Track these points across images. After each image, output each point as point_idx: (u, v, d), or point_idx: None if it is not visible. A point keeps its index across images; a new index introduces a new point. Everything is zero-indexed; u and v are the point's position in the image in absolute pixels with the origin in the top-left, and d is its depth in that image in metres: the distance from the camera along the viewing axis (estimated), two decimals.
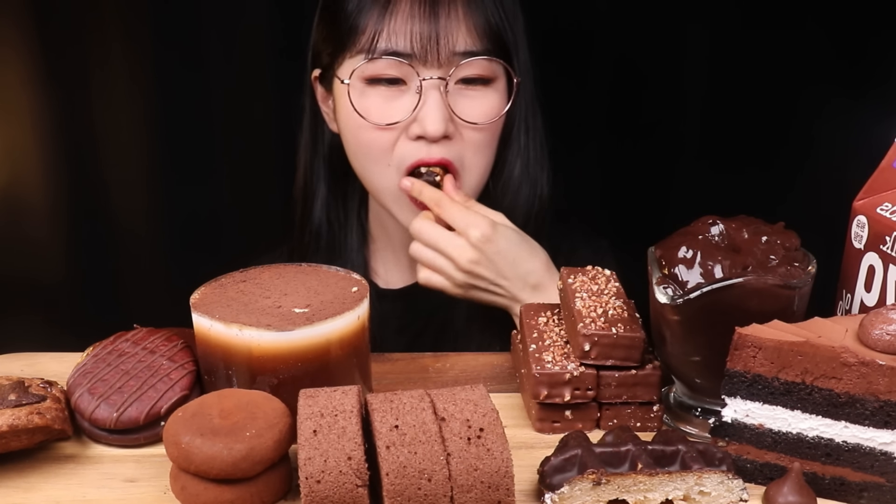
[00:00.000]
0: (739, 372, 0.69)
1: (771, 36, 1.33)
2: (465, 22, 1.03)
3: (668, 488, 0.66)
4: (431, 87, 1.02)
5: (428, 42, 1.01)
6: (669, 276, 0.74)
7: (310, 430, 0.64)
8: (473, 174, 1.08)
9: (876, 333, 0.66)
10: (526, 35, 1.10)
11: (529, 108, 1.12)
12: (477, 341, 1.09)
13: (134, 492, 0.70)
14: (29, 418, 0.70)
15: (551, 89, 1.14)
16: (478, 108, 1.05)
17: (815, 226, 0.85)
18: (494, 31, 1.04)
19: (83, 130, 1.38)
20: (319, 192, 1.17)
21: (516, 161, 1.12)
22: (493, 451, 0.64)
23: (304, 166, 1.17)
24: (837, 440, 0.68)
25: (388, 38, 1.01)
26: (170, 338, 0.82)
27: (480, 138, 1.07)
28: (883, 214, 0.79)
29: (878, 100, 1.23)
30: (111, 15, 1.34)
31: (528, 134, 1.12)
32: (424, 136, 1.03)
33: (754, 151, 1.38)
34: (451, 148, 1.05)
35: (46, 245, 1.42)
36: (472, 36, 1.03)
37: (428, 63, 1.02)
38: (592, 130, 1.42)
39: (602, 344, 0.76)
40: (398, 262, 1.18)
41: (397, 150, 1.05)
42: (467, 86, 1.05)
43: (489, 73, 1.05)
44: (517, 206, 1.11)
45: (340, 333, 0.76)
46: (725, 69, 1.36)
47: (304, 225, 1.18)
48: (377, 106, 1.04)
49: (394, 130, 1.04)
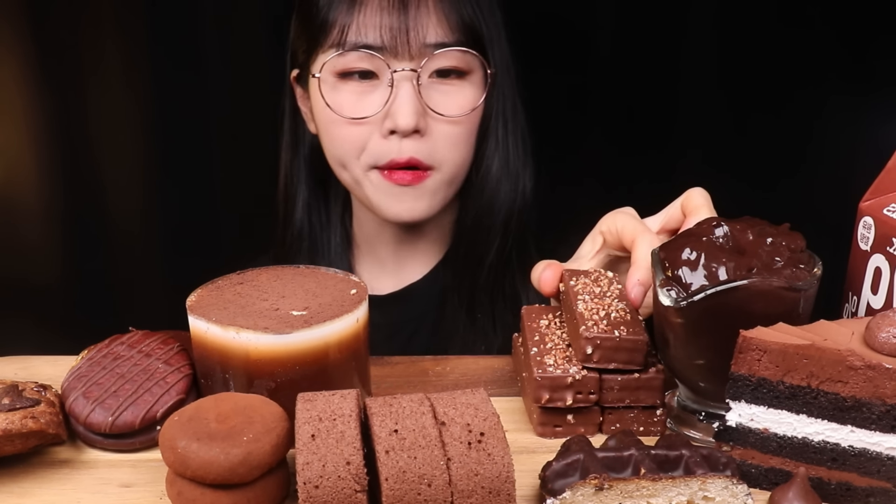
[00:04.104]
0: (744, 375, 0.68)
1: (777, 35, 1.32)
2: (435, 13, 1.02)
3: (671, 493, 0.66)
4: (403, 79, 1.02)
5: (398, 34, 1.01)
6: (673, 278, 0.73)
7: (308, 435, 0.64)
8: (448, 170, 1.08)
9: (883, 336, 0.65)
10: (505, 30, 1.09)
11: (509, 102, 1.11)
12: (460, 345, 1.10)
13: (129, 497, 0.70)
14: (23, 422, 0.70)
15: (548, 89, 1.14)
16: (451, 101, 1.05)
17: (820, 227, 0.85)
18: (467, 24, 1.04)
19: (78, 132, 1.38)
20: (301, 194, 1.17)
21: (494, 156, 1.11)
22: (494, 456, 0.63)
23: (285, 168, 1.18)
24: (843, 445, 0.67)
25: (358, 30, 1.01)
26: (166, 341, 0.81)
27: (455, 133, 1.06)
28: (890, 216, 0.79)
29: (885, 100, 1.23)
30: (106, 16, 1.34)
31: (507, 128, 1.11)
32: (396, 131, 1.02)
33: (759, 152, 1.38)
34: (423, 144, 1.04)
35: (41, 247, 1.42)
36: (443, 27, 1.03)
37: (399, 55, 1.01)
38: (592, 130, 1.42)
39: (605, 347, 0.75)
40: (383, 268, 1.18)
41: (370, 146, 1.05)
42: (442, 79, 1.05)
43: (463, 64, 1.05)
44: (497, 202, 1.11)
45: (339, 336, 0.75)
46: (730, 69, 1.36)
47: (286, 227, 1.18)
48: (349, 100, 1.04)
49: (367, 125, 1.04)
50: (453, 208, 1.16)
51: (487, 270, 1.13)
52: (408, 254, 1.18)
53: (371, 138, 1.05)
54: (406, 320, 1.16)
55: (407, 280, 1.19)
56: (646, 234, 0.83)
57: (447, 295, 1.15)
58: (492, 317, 1.13)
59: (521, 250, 1.14)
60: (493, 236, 1.12)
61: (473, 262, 1.13)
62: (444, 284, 1.17)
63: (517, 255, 1.14)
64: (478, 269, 1.13)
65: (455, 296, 1.14)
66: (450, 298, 1.15)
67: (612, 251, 0.90)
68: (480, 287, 1.13)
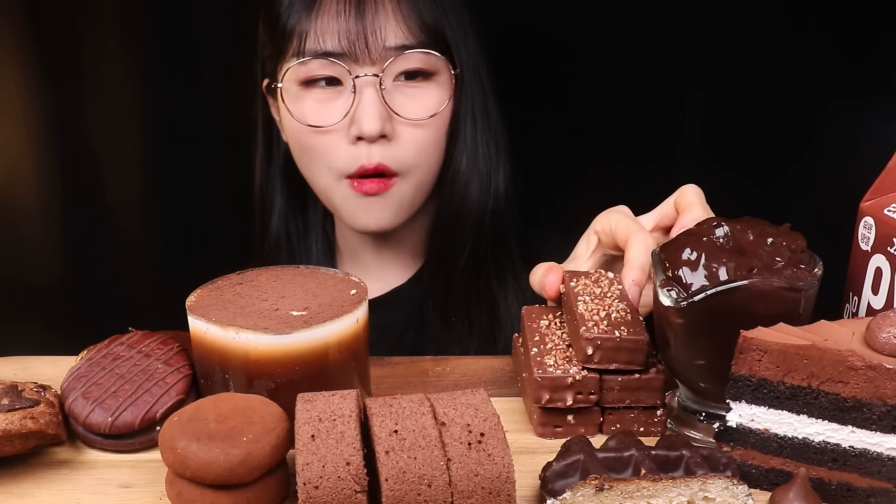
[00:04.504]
0: (744, 376, 0.68)
1: (777, 34, 1.32)
2: (394, 16, 1.01)
3: (671, 494, 0.65)
4: (366, 84, 1.01)
5: (357, 38, 1.00)
6: (673, 278, 0.73)
7: (308, 435, 0.64)
8: (418, 175, 1.06)
9: (883, 337, 0.65)
10: (473, 27, 1.08)
11: (479, 102, 1.09)
12: (434, 350, 1.09)
13: (129, 497, 0.69)
14: (22, 423, 0.69)
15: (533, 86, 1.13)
16: (416, 104, 1.04)
17: (821, 227, 0.85)
18: (429, 25, 1.03)
19: (77, 131, 1.38)
20: (276, 204, 1.16)
21: (462, 157, 1.09)
22: (494, 457, 0.63)
23: (260, 178, 1.17)
24: (844, 445, 0.67)
25: (317, 38, 1.01)
26: (165, 341, 0.81)
27: (423, 136, 1.05)
28: (890, 216, 0.79)
29: (886, 99, 1.23)
30: (105, 14, 1.33)
31: (477, 128, 1.09)
32: (363, 137, 1.01)
33: (760, 151, 1.37)
34: (391, 149, 1.03)
35: (40, 247, 1.42)
36: (402, 29, 1.01)
37: (360, 60, 1.00)
38: (591, 130, 1.41)
39: (605, 347, 0.75)
40: (367, 272, 1.17)
41: (338, 153, 1.03)
42: (407, 82, 1.03)
43: (427, 66, 1.03)
44: (467, 202, 1.09)
45: (339, 336, 0.75)
46: (729, 68, 1.35)
47: (263, 237, 1.17)
48: (312, 109, 1.03)
49: (333, 133, 1.03)
50: (430, 211, 1.14)
51: (460, 273, 1.11)
52: (390, 259, 1.18)
53: (339, 146, 1.03)
54: (391, 324, 1.15)
55: (391, 284, 1.18)
56: (639, 234, 0.83)
57: (423, 299, 1.15)
58: (467, 320, 1.12)
59: (496, 252, 1.13)
60: (465, 240, 1.10)
61: (446, 265, 1.12)
62: (420, 288, 1.16)
63: (492, 257, 1.13)
64: (450, 272, 1.12)
65: (430, 299, 1.14)
66: (425, 302, 1.14)
67: (607, 251, 0.89)
68: (453, 291, 1.12)
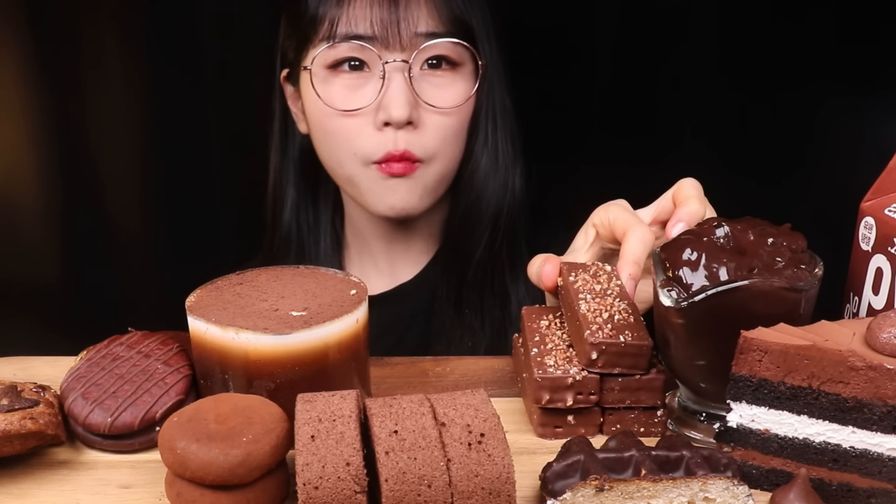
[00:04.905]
0: (745, 376, 0.68)
1: (777, 31, 1.32)
2: (426, 5, 1.03)
3: (672, 494, 0.65)
4: (395, 70, 1.02)
5: (389, 24, 1.01)
6: (674, 278, 0.73)
7: (307, 436, 0.63)
8: (442, 164, 1.08)
9: (884, 337, 0.65)
10: (495, 28, 1.10)
11: (498, 101, 1.11)
12: (446, 340, 1.09)
13: (129, 498, 0.69)
14: (21, 423, 0.69)
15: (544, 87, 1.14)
16: (443, 93, 1.05)
17: (822, 227, 0.84)
18: (458, 16, 1.05)
19: (77, 131, 1.37)
20: (289, 195, 1.17)
21: (483, 152, 1.11)
22: (494, 457, 0.63)
23: (274, 169, 1.18)
24: (844, 446, 0.67)
25: (349, 22, 1.02)
26: (165, 341, 0.81)
27: (447, 125, 1.06)
28: (891, 216, 0.78)
29: (886, 100, 1.23)
30: (105, 14, 1.33)
31: (496, 124, 1.11)
32: (390, 123, 1.02)
33: (760, 151, 1.37)
34: (416, 137, 1.04)
35: (39, 247, 1.42)
36: (434, 19, 1.03)
37: (390, 46, 1.02)
38: (591, 130, 1.41)
39: (610, 352, 0.74)
40: (375, 267, 1.17)
41: (363, 139, 1.05)
42: (433, 70, 1.05)
43: (454, 55, 1.05)
44: (485, 198, 1.11)
45: (339, 337, 0.75)
46: (730, 67, 1.35)
47: (274, 230, 1.18)
48: (340, 93, 1.04)
49: (359, 117, 1.04)
50: (444, 205, 1.16)
51: (475, 266, 1.13)
52: (400, 253, 1.18)
53: (364, 131, 1.05)
54: (397, 320, 1.16)
55: (399, 280, 1.19)
56: (637, 227, 0.82)
57: (436, 290, 1.15)
58: (480, 313, 1.13)
59: (511, 247, 1.14)
60: (482, 232, 1.12)
61: (462, 258, 1.14)
62: (433, 279, 1.17)
63: (507, 252, 1.14)
64: (466, 264, 1.13)
65: (443, 291, 1.15)
66: (438, 294, 1.15)
67: (605, 244, 0.89)
68: (468, 283, 1.13)
